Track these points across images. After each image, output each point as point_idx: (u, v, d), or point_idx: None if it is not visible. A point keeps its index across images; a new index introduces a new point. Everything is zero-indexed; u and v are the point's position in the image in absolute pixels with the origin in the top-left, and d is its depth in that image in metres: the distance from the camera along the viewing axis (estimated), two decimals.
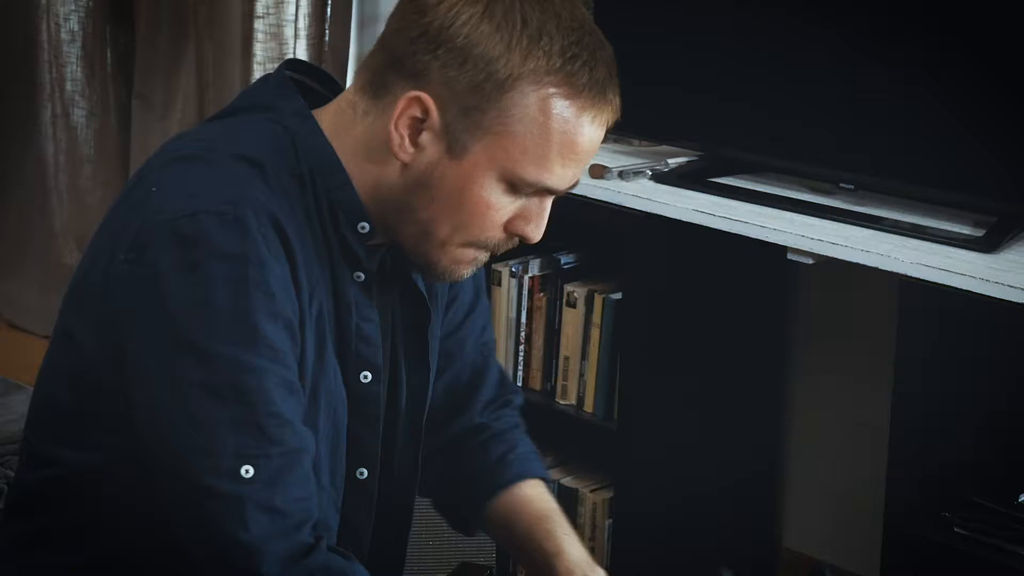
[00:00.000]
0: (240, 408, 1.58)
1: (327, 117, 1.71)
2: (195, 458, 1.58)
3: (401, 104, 1.64)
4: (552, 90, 1.62)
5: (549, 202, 1.70)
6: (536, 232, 1.69)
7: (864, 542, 3.11)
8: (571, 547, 1.87)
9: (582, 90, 1.64)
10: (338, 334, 1.71)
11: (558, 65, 1.62)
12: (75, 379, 1.68)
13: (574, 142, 1.65)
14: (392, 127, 1.65)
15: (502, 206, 1.66)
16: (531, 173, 1.64)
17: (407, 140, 1.65)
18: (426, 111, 1.63)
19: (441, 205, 1.66)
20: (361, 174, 1.68)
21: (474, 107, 1.62)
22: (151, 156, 1.72)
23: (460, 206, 1.65)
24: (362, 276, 1.71)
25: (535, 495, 1.94)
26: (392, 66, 1.66)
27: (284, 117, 1.69)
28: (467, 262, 1.71)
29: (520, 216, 1.68)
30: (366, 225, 1.69)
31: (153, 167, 1.68)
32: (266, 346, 1.58)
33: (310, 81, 1.78)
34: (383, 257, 1.74)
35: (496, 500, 1.93)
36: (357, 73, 1.71)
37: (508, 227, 1.68)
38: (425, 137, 1.64)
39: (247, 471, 1.58)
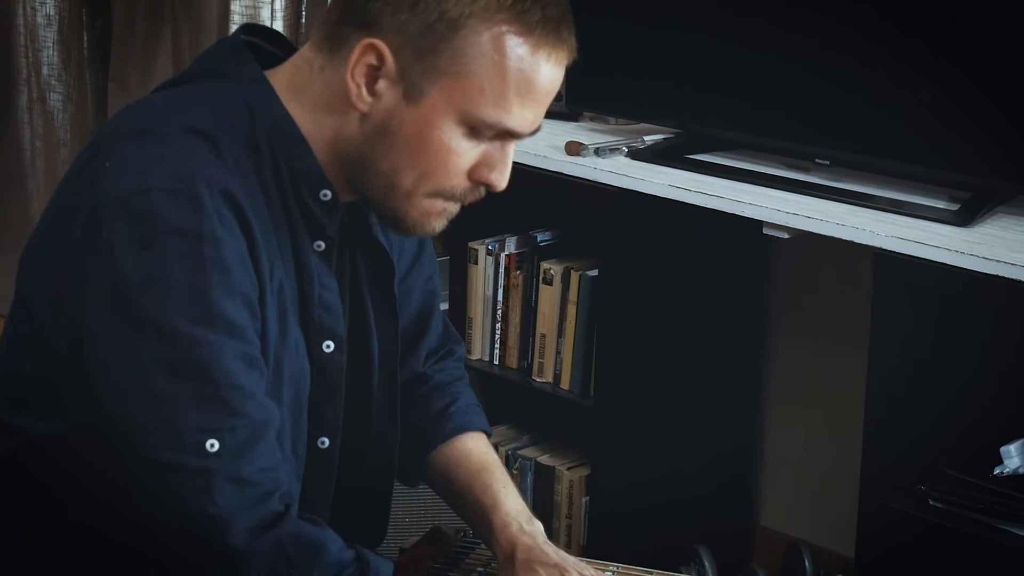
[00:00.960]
0: (201, 383, 1.58)
1: (283, 77, 1.70)
2: (158, 434, 1.58)
3: (356, 53, 1.64)
4: (504, 28, 1.63)
5: (512, 148, 1.70)
6: (501, 179, 1.70)
7: (841, 519, 3.11)
8: (508, 499, 1.88)
9: (535, 28, 1.64)
10: (300, 305, 1.71)
11: (509, 3, 1.62)
12: (34, 348, 1.67)
13: (531, 80, 1.65)
14: (349, 77, 1.65)
15: (463, 151, 1.66)
16: (490, 114, 1.64)
17: (364, 89, 1.65)
18: (381, 57, 1.63)
19: (402, 153, 1.65)
20: (321, 130, 1.68)
21: (428, 49, 1.62)
22: (105, 127, 1.71)
23: (421, 152, 1.65)
24: (322, 245, 1.71)
25: (475, 448, 1.95)
26: (346, 18, 1.66)
27: (241, 84, 1.68)
28: (436, 214, 1.71)
29: (483, 163, 1.68)
30: (328, 192, 1.69)
31: (107, 139, 1.67)
32: (224, 321, 1.58)
33: (265, 43, 1.77)
34: (343, 216, 1.74)
35: (436, 453, 1.94)
36: (313, 31, 1.71)
37: (472, 175, 1.68)
38: (382, 84, 1.64)
39: (212, 445, 1.58)
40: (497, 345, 3.31)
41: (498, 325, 3.30)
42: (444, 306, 3.12)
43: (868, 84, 2.87)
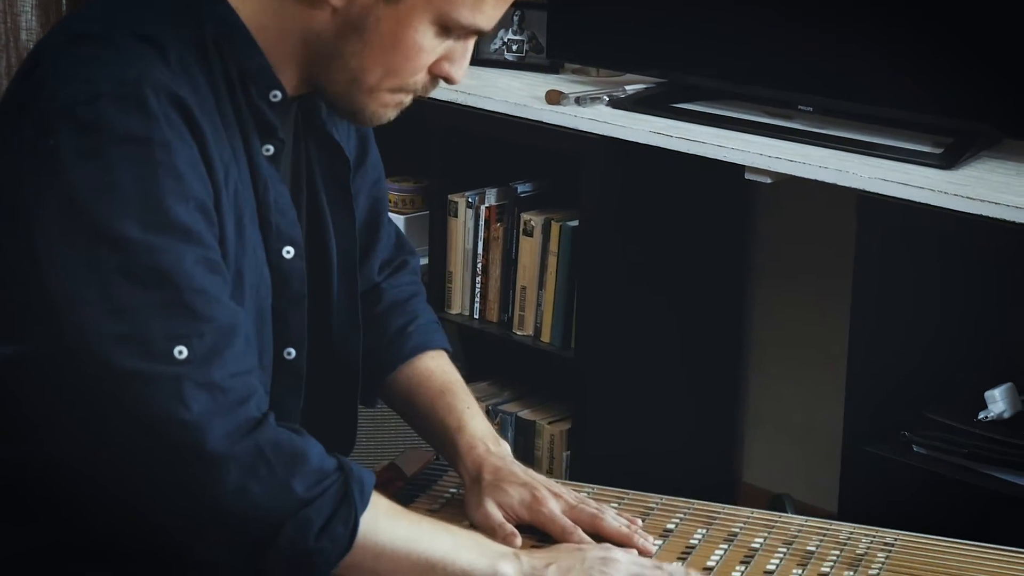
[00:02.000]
0: (162, 290, 1.53)
1: None
2: (123, 345, 1.53)
3: None
4: None
5: (472, 42, 1.67)
6: (460, 73, 1.67)
7: (824, 472, 3.08)
8: (473, 420, 1.84)
9: None
10: (257, 211, 1.67)
11: None
12: None
13: None
14: None
15: (431, 49, 1.63)
16: (466, 16, 1.61)
17: None
18: None
19: (373, 50, 1.62)
20: (283, 21, 1.64)
21: None
22: (48, 33, 1.66)
23: (393, 51, 1.62)
24: (270, 149, 1.67)
25: (436, 367, 1.91)
26: None
27: None
28: (393, 105, 1.68)
29: (445, 58, 1.66)
30: (278, 93, 1.65)
31: (50, 46, 1.62)
32: (179, 227, 1.54)
33: None
34: (296, 114, 1.70)
35: (397, 374, 1.90)
36: None
37: (433, 69, 1.66)
38: None
39: (180, 352, 1.53)
40: (477, 299, 3.27)
41: (478, 279, 3.27)
42: (424, 260, 3.09)
43: (851, 30, 2.84)
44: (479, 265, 3.26)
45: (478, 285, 3.27)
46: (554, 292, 3.15)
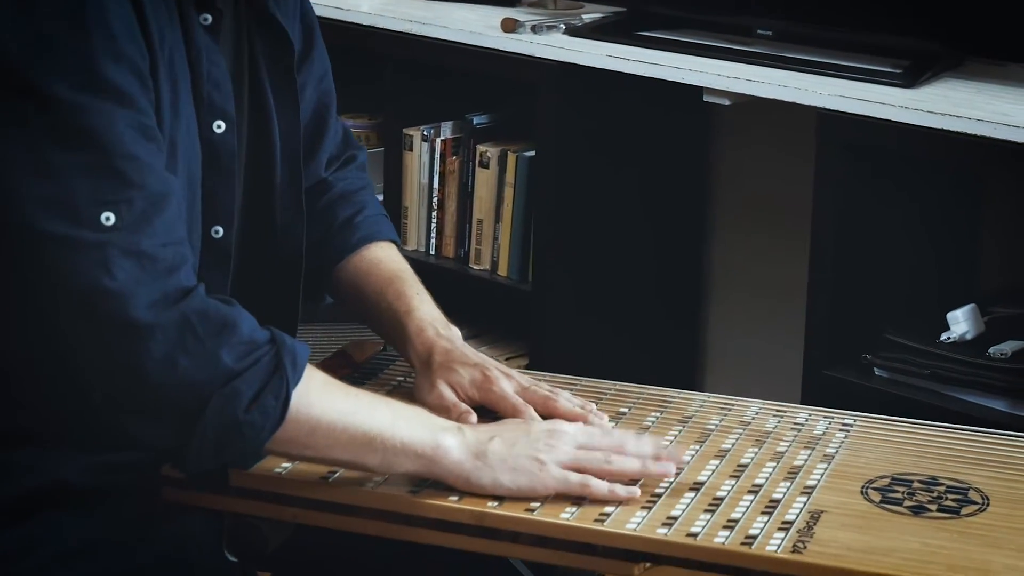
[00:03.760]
0: (91, 153, 1.48)
1: None
2: (50, 209, 1.47)
3: None
4: None
5: None
6: None
7: (786, 396, 3.03)
8: (423, 305, 1.81)
9: None
10: (191, 82, 1.61)
11: None
12: None
13: None
14: None
15: None
16: None
17: None
18: None
19: None
20: None
21: None
22: None
23: None
24: (208, 19, 1.62)
25: (385, 256, 1.87)
26: None
27: None
28: None
29: None
30: None
31: None
32: (111, 89, 1.49)
33: None
34: None
35: (345, 264, 1.86)
36: None
37: None
38: None
39: (107, 218, 1.48)
40: (433, 234, 3.22)
41: (434, 214, 3.21)
42: (380, 197, 3.03)
43: None
44: (435, 200, 3.20)
45: (434, 220, 3.21)
46: (511, 225, 3.10)
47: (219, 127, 1.65)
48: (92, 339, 1.50)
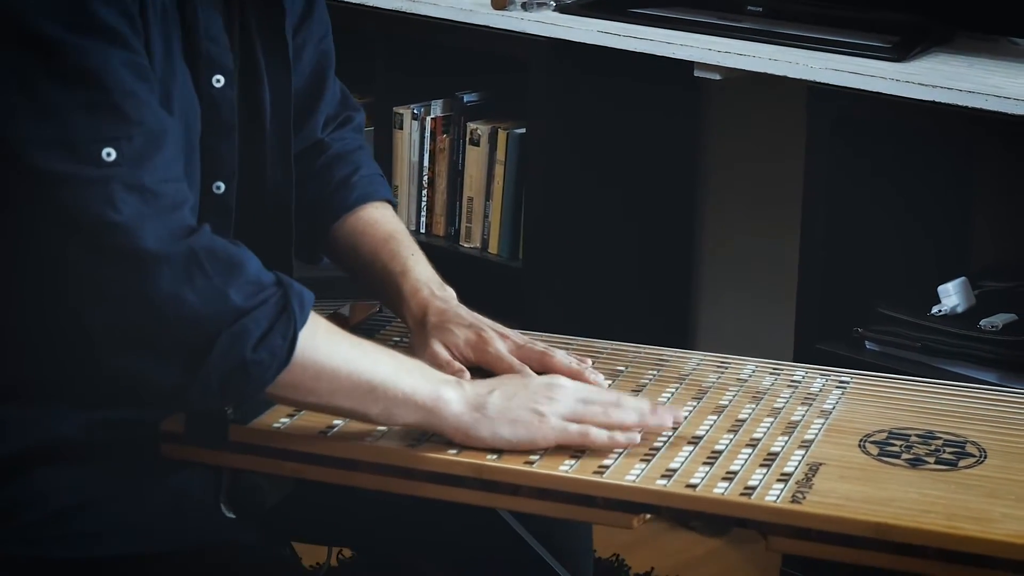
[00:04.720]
0: (89, 90, 1.48)
1: None
2: (51, 147, 1.47)
3: None
4: None
5: None
6: None
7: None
8: (418, 265, 1.81)
9: None
10: (184, 34, 1.61)
11: None
12: None
13: None
14: None
15: None
16: None
17: None
18: None
19: None
20: None
21: None
22: None
23: None
24: None
25: (380, 217, 1.86)
26: None
27: None
28: None
29: None
30: None
31: None
32: (104, 29, 1.48)
33: None
34: None
35: (340, 223, 1.85)
36: None
37: None
38: None
39: (108, 154, 1.47)
40: (423, 213, 3.22)
41: (424, 192, 3.21)
42: None
43: None
44: (425, 178, 3.20)
45: (424, 199, 3.21)
46: (501, 202, 3.10)
47: (218, 81, 1.64)
48: (101, 274, 1.48)
